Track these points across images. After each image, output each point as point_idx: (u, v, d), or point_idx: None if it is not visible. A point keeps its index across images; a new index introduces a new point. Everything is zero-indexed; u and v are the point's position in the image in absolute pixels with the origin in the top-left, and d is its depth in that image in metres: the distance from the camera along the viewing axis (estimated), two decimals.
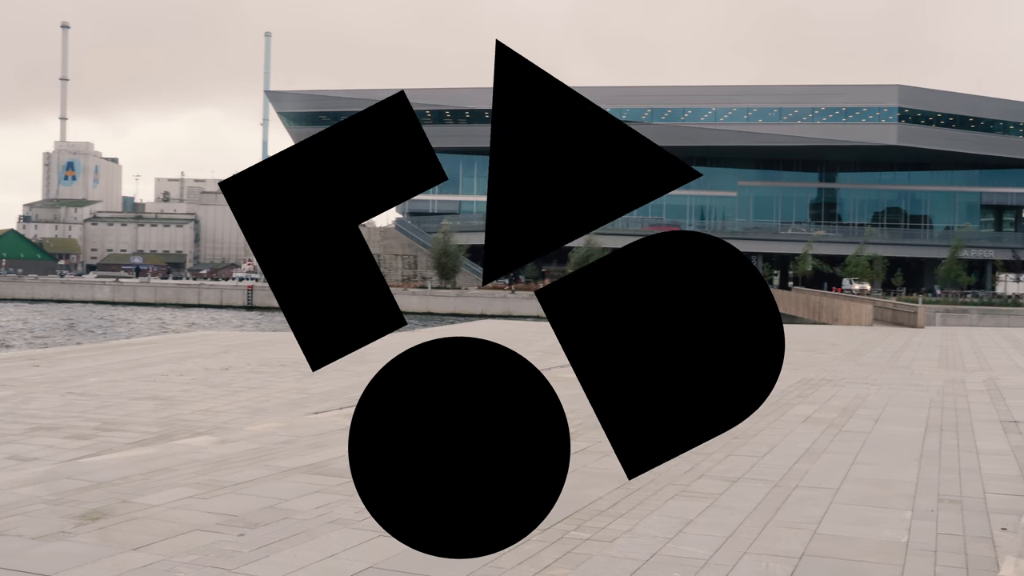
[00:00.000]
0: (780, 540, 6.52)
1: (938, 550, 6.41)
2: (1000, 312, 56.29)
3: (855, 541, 6.58)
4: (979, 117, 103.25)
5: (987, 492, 8.21)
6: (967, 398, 15.30)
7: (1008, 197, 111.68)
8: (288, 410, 12.99)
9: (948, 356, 25.04)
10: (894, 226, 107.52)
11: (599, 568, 5.92)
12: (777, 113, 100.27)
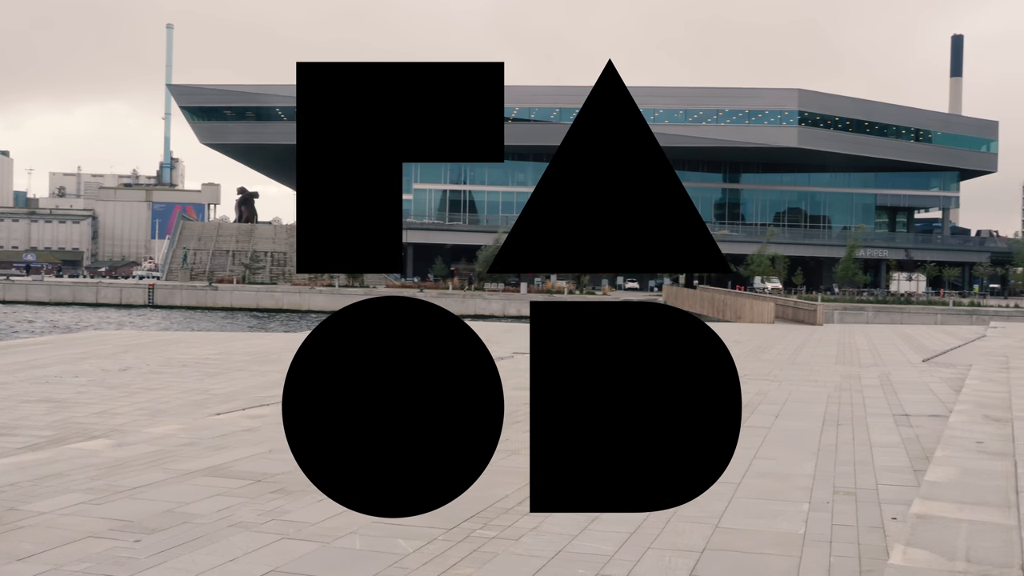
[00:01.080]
0: (683, 535, 6.62)
1: (833, 540, 6.60)
2: (893, 310, 58.46)
3: (755, 534, 6.72)
4: (874, 121, 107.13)
5: (879, 483, 8.49)
6: (862, 393, 15.81)
7: (901, 199, 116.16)
8: (189, 411, 12.67)
9: (845, 352, 25.85)
10: (795, 226, 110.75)
11: (505, 566, 5.92)
12: (683, 115, 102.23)
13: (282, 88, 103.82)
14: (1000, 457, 8.77)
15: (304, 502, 7.23)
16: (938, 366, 21.81)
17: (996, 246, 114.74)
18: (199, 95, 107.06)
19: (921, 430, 11.69)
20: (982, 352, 24.79)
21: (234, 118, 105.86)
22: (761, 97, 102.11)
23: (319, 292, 75.34)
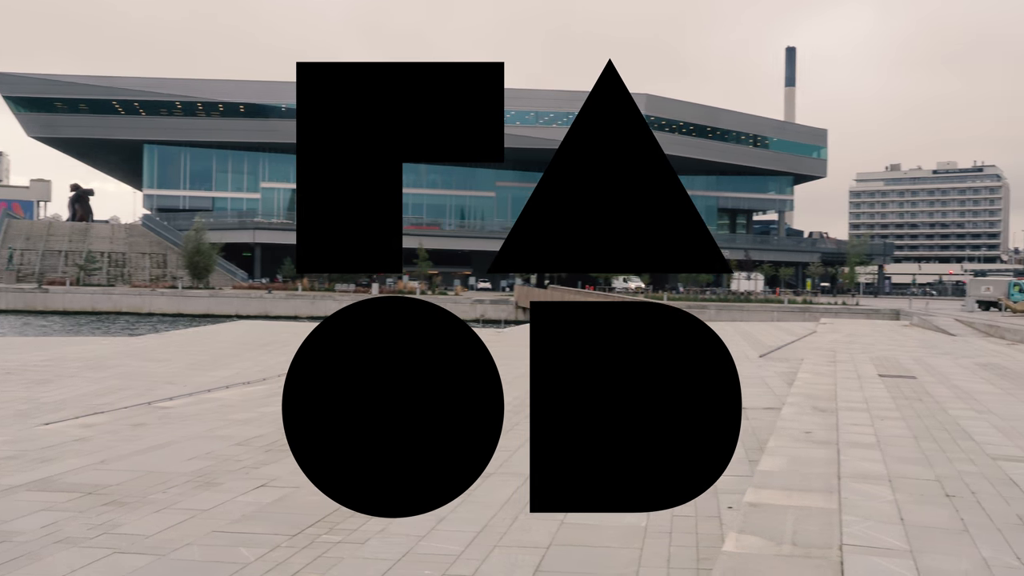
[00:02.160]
0: (530, 531, 6.69)
1: (673, 532, 6.81)
2: (734, 308, 60.95)
3: (599, 528, 6.86)
4: (717, 127, 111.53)
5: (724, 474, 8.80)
6: None
7: (741, 202, 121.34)
8: (14, 422, 11.93)
9: None
10: None
11: (350, 571, 5.83)
12: (534, 116, 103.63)
13: (120, 80, 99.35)
14: (825, 445, 9.27)
15: (139, 514, 6.93)
16: (774, 361, 22.87)
17: (826, 247, 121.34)
18: (25, 85, 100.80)
19: (757, 422, 12.21)
20: (813, 347, 26.19)
21: (66, 110, 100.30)
22: None
23: (161, 294, 72.35)
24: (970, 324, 38.58)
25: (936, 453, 9.14)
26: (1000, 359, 22.38)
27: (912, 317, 46.86)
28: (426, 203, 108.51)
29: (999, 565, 5.39)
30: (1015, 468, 8.43)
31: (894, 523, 6.24)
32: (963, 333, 35.13)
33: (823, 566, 5.31)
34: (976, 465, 8.54)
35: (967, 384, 16.19)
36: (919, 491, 7.32)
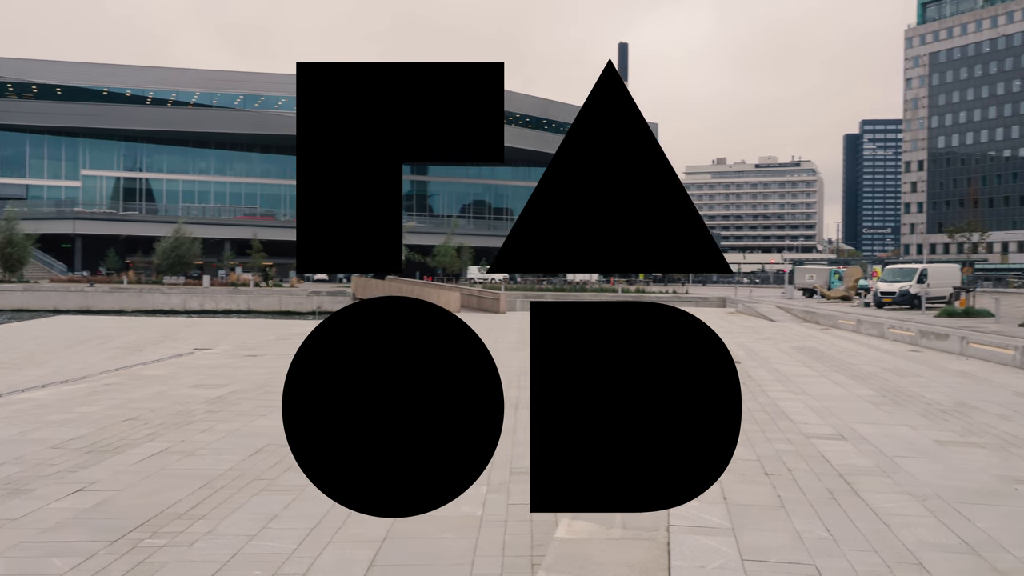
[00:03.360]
0: (365, 526, 6.59)
1: (508, 520, 6.86)
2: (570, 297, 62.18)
3: (435, 519, 6.82)
4: (551, 119, 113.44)
5: None
6: None
7: None
8: None
9: (525, 339, 27.10)
10: (480, 218, 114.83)
11: (174, 575, 5.59)
12: None
13: None
14: None
15: None
16: None
17: None
18: None
19: None
20: None
21: None
22: None
23: None
24: (789, 311, 40.77)
25: (757, 434, 9.60)
26: (815, 343, 23.76)
27: (737, 304, 49.10)
28: (260, 192, 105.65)
29: (811, 537, 5.71)
30: (827, 446, 8.96)
31: (718, 503, 6.51)
32: (783, 319, 37.10)
33: (651, 547, 5.47)
34: (792, 444, 9.03)
35: (786, 367, 17.10)
36: (741, 471, 7.66)
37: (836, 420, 10.69)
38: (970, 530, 5.99)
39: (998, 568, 5.21)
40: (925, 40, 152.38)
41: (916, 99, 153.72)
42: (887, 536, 5.81)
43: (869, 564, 5.25)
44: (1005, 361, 18.53)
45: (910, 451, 8.79)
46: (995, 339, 20.36)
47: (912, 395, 13.26)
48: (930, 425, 10.47)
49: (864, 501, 6.71)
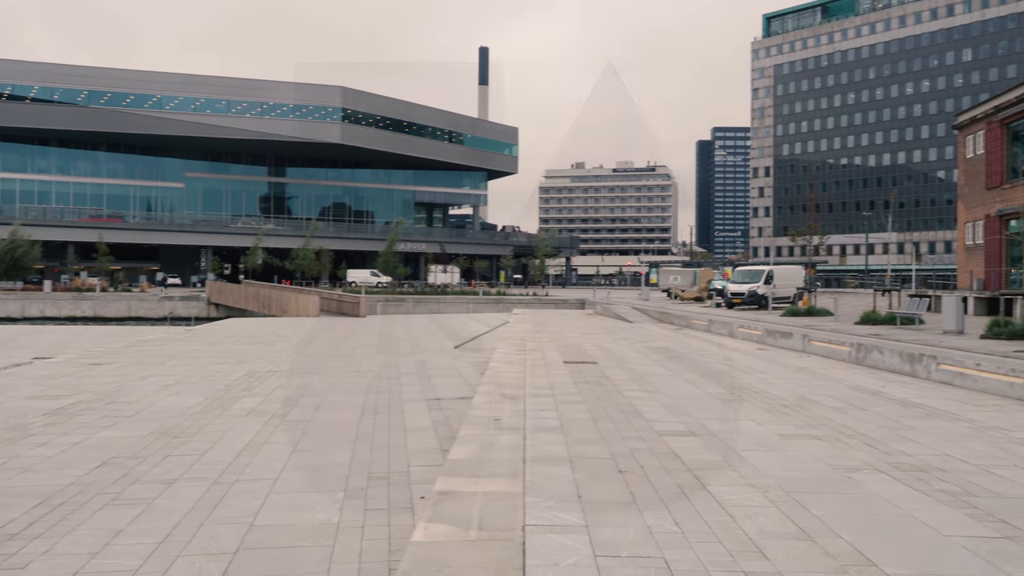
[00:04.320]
0: (216, 538, 6.43)
1: (366, 525, 6.82)
2: (432, 300, 62.06)
3: (290, 527, 6.73)
4: (413, 122, 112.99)
5: (411, 466, 8.94)
6: (400, 380, 16.58)
7: (437, 196, 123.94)
8: None
9: (386, 343, 26.94)
10: (340, 220, 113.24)
11: None
12: (226, 105, 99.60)
13: None
14: (513, 431, 9.69)
15: None
16: (468, 351, 23.57)
17: (518, 240, 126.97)
18: None
19: (450, 412, 12.53)
20: (505, 337, 27.26)
21: None
22: (306, 92, 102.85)
23: None
24: (645, 312, 41.89)
25: (612, 433, 9.84)
26: (669, 343, 24.51)
27: (596, 306, 50.10)
28: (107, 193, 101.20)
29: (660, 531, 5.91)
30: (677, 442, 9.27)
31: (572, 501, 6.65)
32: (639, 320, 38.10)
33: (507, 547, 5.54)
34: (645, 442, 9.29)
35: (641, 367, 17.58)
36: (596, 469, 7.84)
37: (687, 417, 11.07)
38: (806, 518, 6.31)
39: (829, 552, 5.52)
40: (770, 53, 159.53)
41: (763, 108, 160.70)
42: (731, 527, 6.07)
43: (714, 554, 5.46)
44: (842, 357, 19.59)
45: (755, 445, 9.19)
46: (833, 337, 21.49)
47: (758, 391, 13.86)
48: (774, 420, 10.97)
49: (711, 494, 6.98)
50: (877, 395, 13.60)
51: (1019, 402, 12.99)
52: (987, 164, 40.45)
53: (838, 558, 5.41)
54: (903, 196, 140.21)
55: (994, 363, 14.66)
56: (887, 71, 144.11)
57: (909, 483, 7.51)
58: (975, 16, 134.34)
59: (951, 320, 23.36)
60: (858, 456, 8.66)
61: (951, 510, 6.62)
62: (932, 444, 9.41)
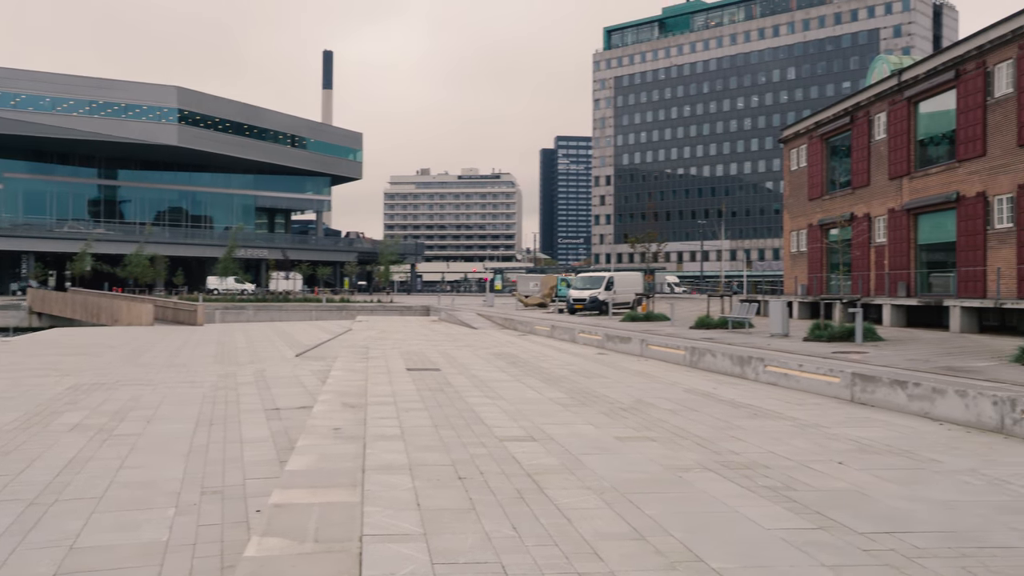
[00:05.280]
0: (29, 564, 6.05)
1: (197, 542, 6.57)
2: (273, 307, 60.63)
3: (115, 548, 6.41)
4: (254, 125, 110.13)
5: (247, 479, 8.69)
6: (237, 391, 16.10)
7: (279, 201, 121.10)
8: None
9: (224, 352, 26.12)
10: (176, 225, 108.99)
11: None
12: (50, 103, 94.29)
13: None
14: (353, 441, 9.57)
15: None
16: (310, 360, 23.14)
17: (363, 246, 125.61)
18: None
19: (290, 422, 12.26)
20: (348, 344, 26.91)
21: None
22: (139, 91, 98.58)
23: None
24: (490, 318, 42.21)
25: (453, 439, 9.86)
26: (512, 349, 24.79)
27: (440, 313, 50.13)
28: None
29: (498, 536, 5.95)
30: (517, 447, 9.37)
31: (411, 509, 6.62)
32: (484, 326, 38.36)
33: (343, 559, 5.46)
34: (486, 448, 9.35)
35: (484, 373, 17.69)
36: (436, 476, 7.83)
37: (528, 422, 11.21)
38: (640, 517, 6.50)
39: (660, 550, 5.70)
40: (611, 65, 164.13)
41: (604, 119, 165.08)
42: (568, 529, 6.18)
43: (550, 557, 5.55)
44: (678, 361, 20.31)
45: (593, 448, 9.40)
46: (670, 341, 22.25)
47: (598, 395, 14.19)
48: (611, 423, 11.25)
49: (549, 498, 7.09)
50: (709, 397, 14.17)
51: (836, 400, 13.80)
52: (809, 176, 42.85)
53: (668, 555, 5.59)
54: (735, 205, 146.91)
55: (815, 364, 15.52)
56: (720, 86, 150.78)
57: (736, 480, 7.85)
58: (798, 37, 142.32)
59: (777, 324, 24.61)
60: (690, 456, 8.99)
61: (772, 505, 6.96)
62: (758, 442, 9.87)
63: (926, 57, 33.45)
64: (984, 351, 19.07)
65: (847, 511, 6.77)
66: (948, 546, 5.88)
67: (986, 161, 28.70)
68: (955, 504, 7.06)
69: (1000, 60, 28.07)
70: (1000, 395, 10.95)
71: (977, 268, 28.93)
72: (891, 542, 5.95)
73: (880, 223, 35.87)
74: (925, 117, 33.39)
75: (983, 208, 28.77)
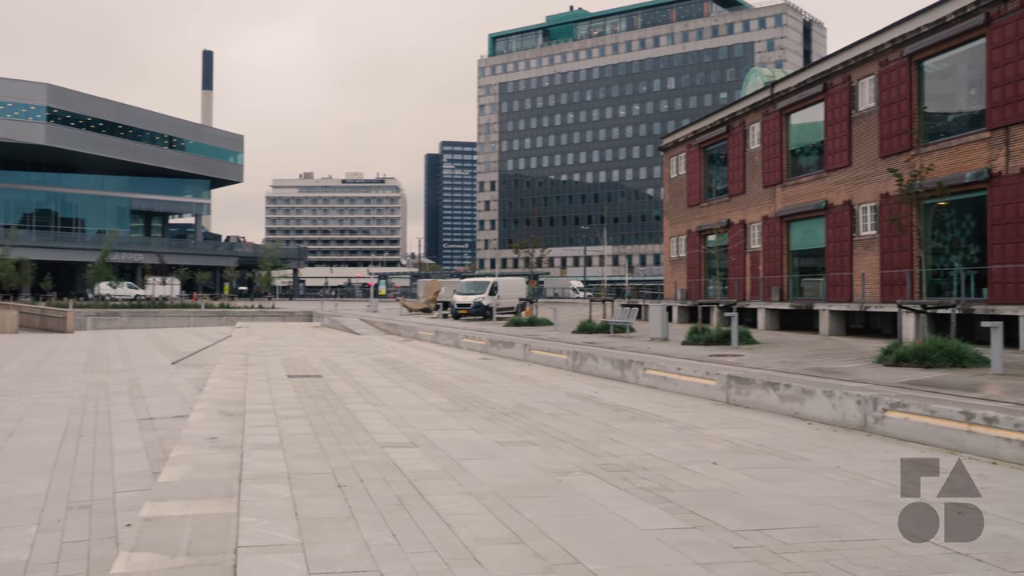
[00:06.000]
0: None
1: (61, 560, 6.31)
2: (149, 314, 58.67)
3: None
4: (128, 125, 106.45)
5: (117, 492, 8.38)
6: (109, 400, 15.53)
7: (156, 204, 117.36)
8: None
9: (96, 360, 25.15)
10: (45, 229, 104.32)
11: None
12: None
13: None
14: (230, 450, 9.34)
15: None
16: (187, 367, 22.49)
17: (244, 251, 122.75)
18: None
19: (164, 432, 11.89)
20: (227, 351, 26.26)
21: None
22: (5, 88, 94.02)
23: None
24: (373, 323, 41.86)
25: (333, 447, 9.73)
26: (396, 355, 24.64)
27: (323, 318, 49.43)
28: None
29: (377, 544, 5.91)
30: (398, 454, 9.32)
31: (289, 519, 6.50)
32: (367, 332, 38.02)
33: (216, 572, 5.32)
34: (367, 455, 9.27)
35: (366, 379, 17.54)
36: (315, 485, 7.72)
37: (409, 428, 11.16)
38: (519, 521, 6.55)
39: (539, 553, 5.76)
40: (496, 71, 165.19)
41: (488, 125, 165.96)
42: (447, 535, 6.17)
43: (429, 563, 5.53)
44: (560, 365, 20.56)
45: (474, 453, 9.42)
46: (552, 345, 22.50)
47: (480, 400, 14.24)
48: (493, 428, 11.30)
49: (429, 504, 7.07)
50: (590, 400, 14.39)
51: (713, 402, 14.21)
52: (688, 184, 44.06)
53: (547, 559, 5.65)
54: (617, 212, 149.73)
55: (692, 367, 15.95)
56: (602, 94, 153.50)
57: (614, 483, 7.99)
58: (677, 48, 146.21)
59: (657, 328, 25.18)
60: (570, 460, 9.11)
61: (649, 505, 7.12)
62: (636, 445, 10.08)
63: (796, 71, 34.87)
64: (850, 353, 19.94)
65: (720, 510, 6.98)
66: (813, 540, 6.12)
67: (852, 171, 30.06)
68: (820, 500, 7.35)
69: (863, 76, 29.47)
70: (863, 395, 11.47)
71: (844, 273, 30.27)
72: (760, 538, 6.16)
73: (755, 230, 37.14)
74: (796, 128, 34.78)
75: (849, 216, 30.13)
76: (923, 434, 10.32)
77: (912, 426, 10.52)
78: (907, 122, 27.22)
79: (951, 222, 25.99)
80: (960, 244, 25.82)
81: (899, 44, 27.57)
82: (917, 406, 10.58)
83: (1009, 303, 22.34)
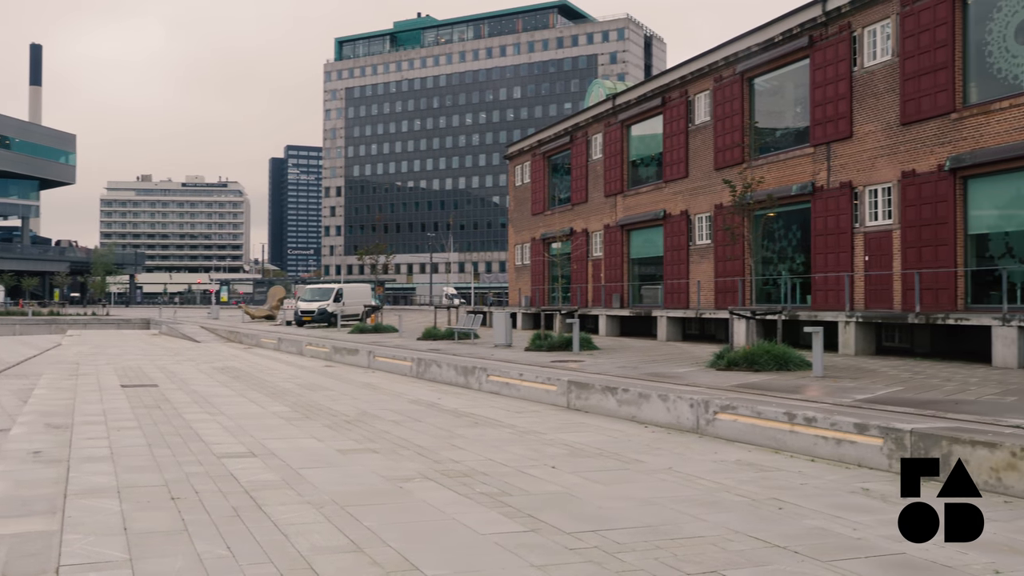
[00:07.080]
0: None
1: None
2: None
3: None
4: None
5: None
6: None
7: None
8: None
9: None
10: None
11: None
12: None
13: None
14: (55, 464, 8.93)
15: None
16: (10, 378, 21.23)
17: (76, 256, 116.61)
18: None
19: None
20: (56, 360, 24.96)
21: None
22: None
23: None
24: (214, 331, 40.64)
25: (168, 459, 9.44)
26: (237, 362, 24.01)
27: (161, 326, 47.62)
28: None
29: (211, 557, 5.79)
30: (236, 464, 9.13)
31: (118, 534, 6.28)
32: (208, 340, 36.87)
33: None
34: (203, 466, 9.04)
35: (205, 388, 17.03)
36: (146, 498, 7.48)
37: (248, 438, 10.94)
38: (358, 529, 6.55)
39: (377, 561, 5.78)
40: (342, 76, 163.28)
41: (334, 129, 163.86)
42: (284, 546, 6.11)
43: (265, 575, 5.47)
44: (405, 372, 20.55)
45: (314, 462, 9.33)
46: (397, 352, 22.45)
47: (322, 408, 14.08)
48: (335, 436, 11.22)
49: (267, 515, 6.97)
50: (433, 407, 14.46)
51: (554, 407, 14.53)
52: (532, 192, 44.81)
53: (385, 566, 5.68)
54: (463, 219, 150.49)
55: (535, 373, 16.25)
56: (449, 101, 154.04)
57: (455, 488, 8.09)
58: (524, 58, 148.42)
59: (501, 334, 25.51)
60: (411, 466, 9.15)
61: (488, 510, 7.24)
62: (478, 450, 10.21)
63: (637, 84, 36.07)
64: (686, 358, 20.77)
65: (557, 513, 7.17)
66: (645, 539, 6.38)
67: (688, 182, 31.32)
68: (653, 500, 7.66)
69: (699, 91, 30.78)
70: (696, 398, 12.00)
71: (681, 281, 31.49)
72: (595, 539, 6.37)
73: (597, 238, 38.14)
74: (636, 140, 35.95)
75: (686, 225, 31.38)
76: (751, 435, 10.89)
77: (741, 427, 11.09)
78: (740, 136, 28.61)
79: (779, 232, 27.48)
80: (787, 253, 27.33)
81: (732, 61, 28.95)
82: (745, 408, 11.16)
83: (830, 309, 23.80)
